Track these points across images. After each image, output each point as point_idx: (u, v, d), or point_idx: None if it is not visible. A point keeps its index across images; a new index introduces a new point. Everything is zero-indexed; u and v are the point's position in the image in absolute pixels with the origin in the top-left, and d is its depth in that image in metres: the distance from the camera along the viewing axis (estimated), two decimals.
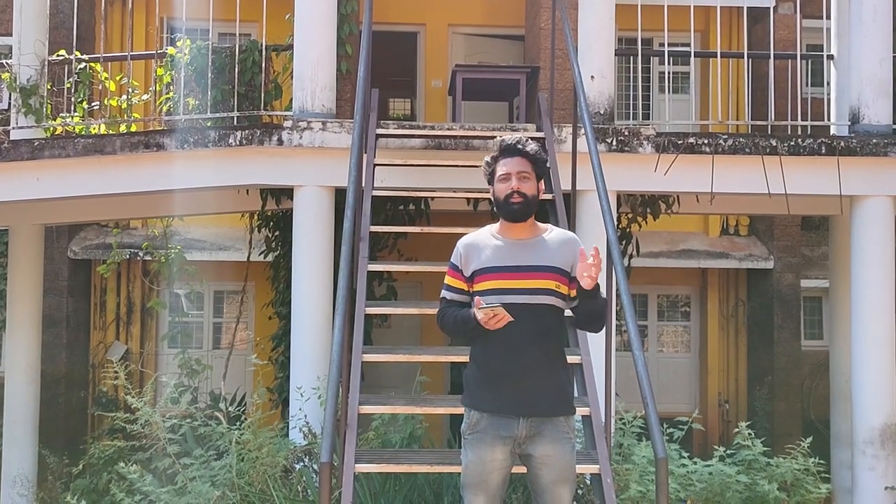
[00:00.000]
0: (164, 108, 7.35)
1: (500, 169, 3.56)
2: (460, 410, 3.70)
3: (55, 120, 7.43)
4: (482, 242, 3.60)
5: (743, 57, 7.99)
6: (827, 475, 6.72)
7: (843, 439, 7.61)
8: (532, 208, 3.55)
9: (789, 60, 8.48)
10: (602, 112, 6.43)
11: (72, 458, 8.39)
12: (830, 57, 7.76)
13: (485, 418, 3.47)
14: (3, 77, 7.38)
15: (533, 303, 3.44)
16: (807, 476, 5.71)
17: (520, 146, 3.57)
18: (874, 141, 6.49)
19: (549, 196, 5.82)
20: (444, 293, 3.65)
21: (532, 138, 6.26)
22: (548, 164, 3.66)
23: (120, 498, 5.60)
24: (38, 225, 7.82)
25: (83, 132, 7.26)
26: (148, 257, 10.03)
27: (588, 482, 5.10)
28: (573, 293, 3.50)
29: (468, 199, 6.98)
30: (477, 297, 3.42)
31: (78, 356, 10.55)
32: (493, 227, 3.66)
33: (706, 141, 6.44)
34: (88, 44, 9.85)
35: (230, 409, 6.29)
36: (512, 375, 3.44)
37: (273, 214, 7.80)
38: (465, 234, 3.67)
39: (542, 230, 3.61)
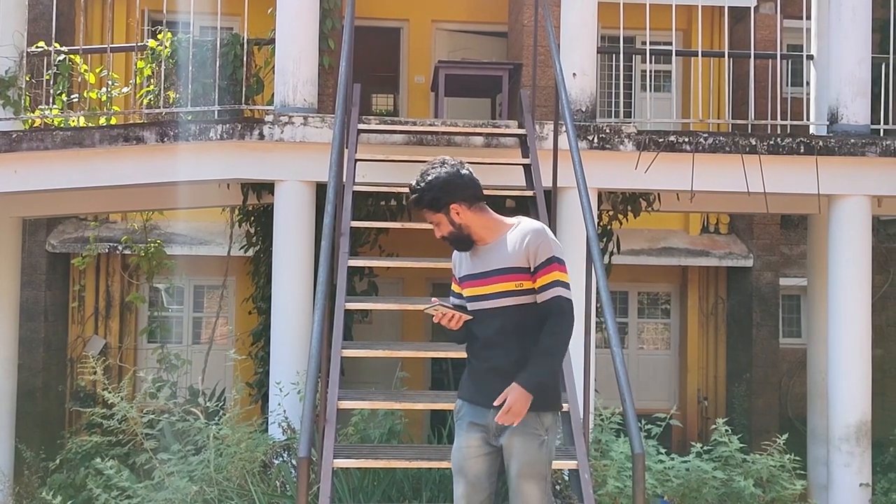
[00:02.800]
0: (145, 102, 7.30)
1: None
2: (440, 406, 3.77)
3: (34, 112, 7.36)
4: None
5: (724, 56, 8.03)
6: (803, 472, 6.78)
7: (820, 436, 7.68)
8: (461, 239, 3.58)
9: (770, 60, 8.54)
10: (584, 109, 6.44)
11: (49, 452, 8.33)
12: (810, 57, 7.81)
13: (465, 406, 3.61)
14: None
15: (496, 306, 3.50)
16: (783, 472, 5.76)
17: (411, 203, 3.60)
18: (852, 141, 6.55)
19: (529, 193, 5.83)
20: (449, 297, 3.79)
21: (512, 135, 6.33)
22: (450, 190, 3.55)
23: (97, 493, 5.57)
24: (15, 218, 7.74)
25: (62, 125, 7.20)
26: (127, 251, 9.98)
27: (566, 478, 5.13)
28: (536, 284, 3.46)
29: None
30: (434, 298, 3.57)
31: (56, 350, 10.47)
32: None
33: (687, 139, 6.47)
34: (68, 36, 9.77)
35: (209, 404, 6.28)
36: (482, 370, 3.55)
37: (254, 209, 7.77)
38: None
39: (505, 229, 3.58)
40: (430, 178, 3.55)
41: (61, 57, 7.41)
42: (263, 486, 5.30)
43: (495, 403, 3.39)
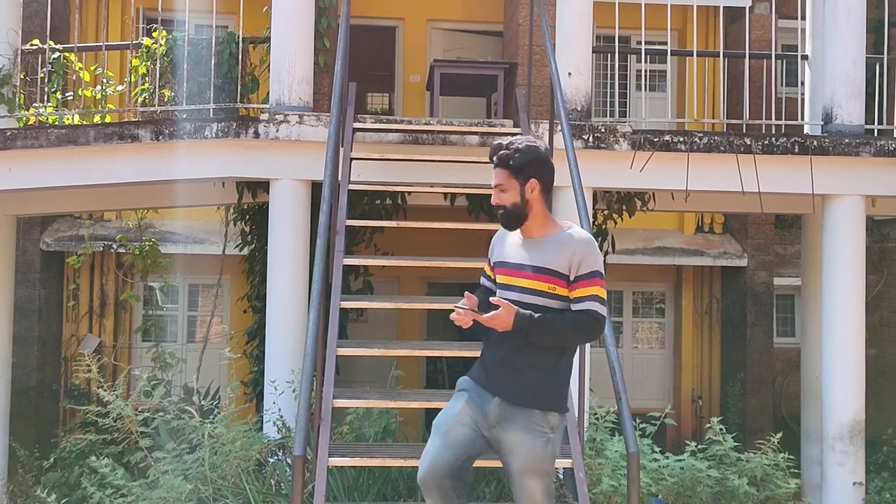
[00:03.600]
0: (140, 100, 7.29)
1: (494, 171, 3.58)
2: (435, 405, 3.76)
3: (28, 110, 7.34)
4: (507, 236, 3.67)
5: (719, 56, 8.06)
6: (797, 470, 6.80)
7: (813, 435, 7.71)
8: (516, 216, 3.54)
9: (764, 60, 8.55)
10: (579, 109, 6.45)
11: (43, 451, 8.31)
12: (805, 57, 7.84)
13: (470, 385, 3.61)
14: None
15: (522, 301, 3.45)
16: (777, 471, 5.77)
17: (494, 157, 3.55)
18: (846, 140, 6.56)
19: None
20: (480, 278, 3.80)
21: (507, 134, 6.33)
22: (538, 164, 3.51)
23: (91, 491, 5.56)
24: (10, 216, 7.72)
25: (57, 122, 7.19)
26: (122, 249, 9.96)
27: (561, 476, 5.13)
28: (573, 294, 3.43)
29: (445, 194, 6.99)
30: (466, 293, 3.52)
31: (50, 349, 10.45)
32: None
33: (682, 139, 6.48)
34: (63, 33, 9.75)
35: (204, 402, 6.26)
36: (493, 362, 3.54)
37: (249, 208, 7.76)
38: (442, 229, 3.71)
39: (556, 229, 3.54)
40: (520, 144, 3.52)
41: (56, 55, 7.39)
42: (258, 485, 5.30)
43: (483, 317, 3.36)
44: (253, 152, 6.32)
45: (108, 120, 7.36)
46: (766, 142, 6.55)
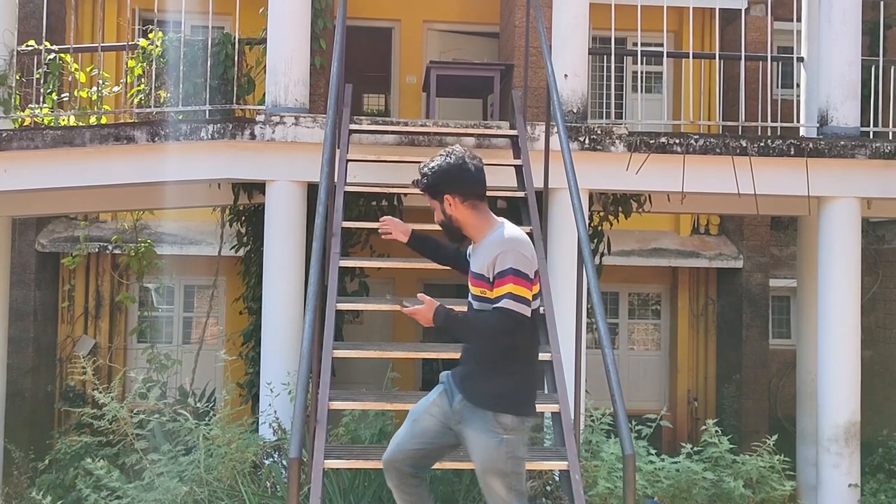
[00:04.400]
0: (135, 101, 7.27)
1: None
2: None
3: (24, 111, 7.33)
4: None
5: (715, 58, 8.07)
6: (792, 472, 6.81)
7: (809, 437, 7.71)
8: (450, 230, 3.68)
9: (760, 62, 8.56)
10: (575, 110, 6.45)
11: (38, 452, 8.30)
12: (800, 59, 7.85)
13: (447, 379, 3.78)
14: None
15: (474, 306, 3.64)
16: (772, 473, 5.77)
17: (419, 181, 3.68)
18: (842, 143, 6.57)
19: (521, 194, 5.84)
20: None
21: (503, 135, 6.33)
22: (448, 180, 3.64)
23: (86, 493, 5.55)
24: (5, 217, 7.71)
25: (52, 124, 7.18)
26: (117, 251, 9.95)
27: (557, 479, 5.13)
28: (492, 295, 3.48)
29: None
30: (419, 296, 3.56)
31: (45, 350, 10.43)
32: None
33: (678, 141, 6.49)
34: (59, 34, 9.73)
35: (199, 404, 6.26)
36: (460, 360, 3.78)
37: (245, 209, 7.75)
38: (438, 230, 3.76)
39: (487, 232, 3.62)
40: (433, 164, 3.65)
41: (52, 56, 7.38)
42: (254, 487, 5.29)
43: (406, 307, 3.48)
44: (249, 154, 6.31)
45: (103, 121, 7.34)
46: (762, 144, 6.56)
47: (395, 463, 3.76)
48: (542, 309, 4.08)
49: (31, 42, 7.48)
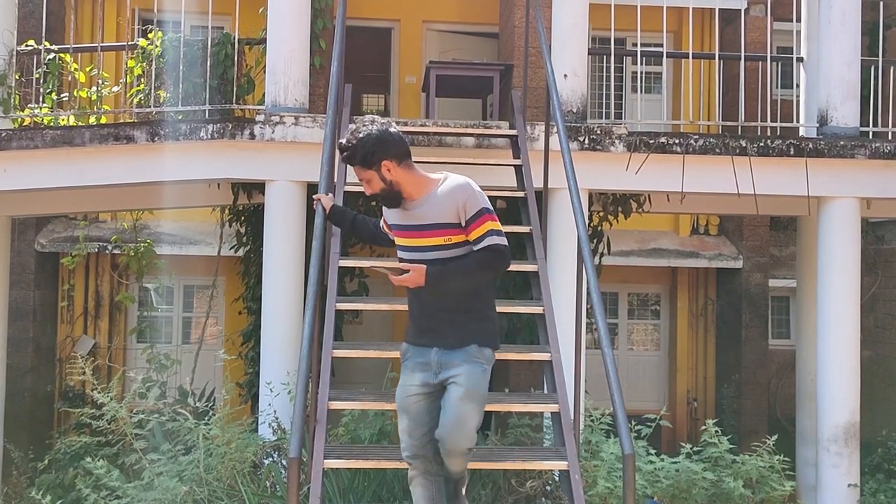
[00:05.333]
0: (135, 101, 7.27)
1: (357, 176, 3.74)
2: None
3: (23, 111, 7.33)
4: None
5: (714, 58, 8.07)
6: (792, 472, 6.81)
7: (808, 437, 7.71)
8: (392, 196, 3.71)
9: (760, 62, 8.57)
10: (575, 110, 6.45)
11: (37, 452, 8.29)
12: (800, 59, 7.86)
13: (410, 348, 3.90)
14: None
15: (427, 258, 3.69)
16: (772, 473, 5.78)
17: (342, 158, 3.69)
18: (841, 143, 6.58)
19: (521, 193, 5.84)
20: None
21: (503, 135, 6.33)
22: (382, 147, 3.65)
23: (86, 493, 5.55)
24: (4, 217, 7.71)
25: (52, 123, 7.18)
26: (117, 251, 9.95)
27: (556, 478, 5.13)
28: (471, 237, 3.64)
29: None
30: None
31: (44, 350, 10.42)
32: None
33: (677, 141, 6.49)
34: (58, 34, 9.73)
35: (199, 404, 6.26)
36: (421, 317, 3.83)
37: (244, 209, 7.75)
38: None
39: (433, 185, 3.70)
40: (361, 135, 3.63)
41: (51, 55, 7.38)
42: (253, 487, 5.29)
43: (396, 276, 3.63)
44: (248, 153, 6.31)
45: (103, 121, 7.34)
46: (762, 144, 6.56)
47: (419, 450, 3.86)
48: None
49: (31, 42, 7.48)
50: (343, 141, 3.66)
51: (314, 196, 4.28)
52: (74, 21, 8.40)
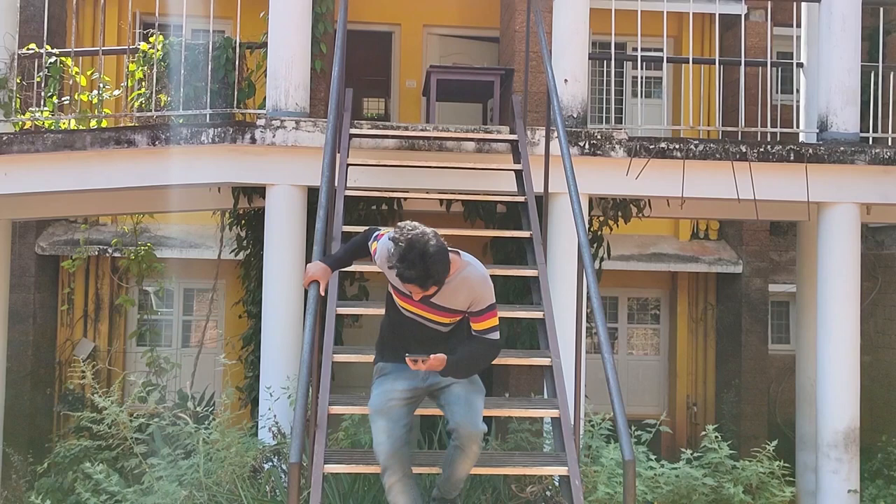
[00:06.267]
0: (136, 105, 7.28)
1: (401, 281, 3.66)
2: (430, 411, 3.91)
3: (24, 114, 7.33)
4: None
5: (714, 63, 8.07)
6: (791, 478, 6.80)
7: (808, 442, 7.71)
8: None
9: (760, 67, 8.58)
10: (575, 115, 6.46)
11: (37, 456, 8.29)
12: (800, 65, 7.87)
13: (391, 366, 4.03)
14: None
15: (434, 328, 3.94)
16: (772, 479, 5.78)
17: (425, 283, 3.61)
18: (841, 149, 6.58)
19: (521, 198, 5.84)
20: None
21: (504, 140, 6.34)
22: (446, 266, 3.69)
23: (85, 497, 5.55)
24: (5, 220, 7.71)
25: (53, 127, 7.18)
26: (117, 254, 9.94)
27: (557, 484, 5.13)
28: (476, 326, 3.92)
29: (441, 200, 6.99)
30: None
31: (44, 353, 10.42)
32: None
33: (677, 146, 6.50)
34: (59, 38, 9.73)
35: (198, 408, 6.25)
36: (400, 348, 3.90)
37: (245, 213, 7.75)
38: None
39: (455, 271, 3.79)
40: (431, 255, 3.56)
41: (52, 59, 7.39)
42: (253, 491, 5.29)
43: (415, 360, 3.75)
44: (249, 158, 6.32)
45: (104, 125, 7.34)
46: (762, 149, 6.57)
47: (397, 449, 3.89)
48: None
49: (32, 45, 7.48)
50: (414, 259, 3.53)
51: (308, 276, 4.06)
52: (76, 25, 8.40)
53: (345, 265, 4.27)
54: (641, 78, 8.23)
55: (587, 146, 6.39)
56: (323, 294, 4.05)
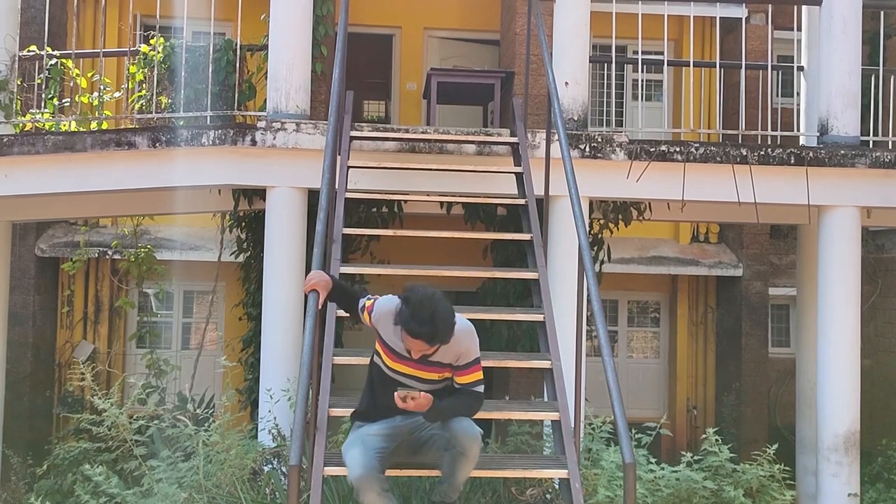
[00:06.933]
0: (137, 107, 7.28)
1: (407, 336, 3.76)
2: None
3: (25, 116, 7.33)
4: (391, 319, 3.91)
5: (715, 66, 8.08)
6: (792, 481, 6.80)
7: (808, 446, 7.70)
8: None
9: (760, 71, 8.59)
10: (576, 118, 6.46)
11: (36, 458, 8.28)
12: (801, 68, 7.87)
13: (368, 424, 4.10)
14: None
15: (421, 385, 3.97)
16: (772, 482, 5.76)
17: (433, 340, 3.74)
18: (842, 152, 6.58)
19: (521, 201, 5.84)
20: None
21: (504, 143, 6.34)
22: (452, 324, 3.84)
23: (85, 499, 5.54)
24: (5, 222, 7.71)
25: (53, 129, 7.18)
26: (117, 256, 9.94)
27: (557, 487, 5.12)
28: (461, 379, 3.99)
29: (441, 203, 6.99)
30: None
31: (44, 355, 10.41)
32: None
33: (678, 149, 6.49)
34: (60, 40, 9.74)
35: (198, 410, 6.25)
36: (399, 409, 3.93)
37: (245, 215, 7.76)
38: (438, 237, 4.56)
39: None
40: (440, 314, 3.71)
41: (53, 61, 7.39)
42: (253, 494, 5.28)
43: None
44: (250, 160, 6.32)
45: (104, 127, 7.35)
46: (762, 152, 6.56)
47: (371, 472, 3.85)
48: None
49: (33, 47, 7.49)
50: (429, 318, 3.68)
51: (310, 283, 4.07)
52: (76, 27, 8.41)
53: (340, 294, 4.17)
54: (642, 81, 8.24)
55: (588, 149, 6.39)
56: (320, 307, 4.05)
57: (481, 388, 4.00)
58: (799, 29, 7.57)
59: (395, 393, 3.78)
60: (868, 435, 7.49)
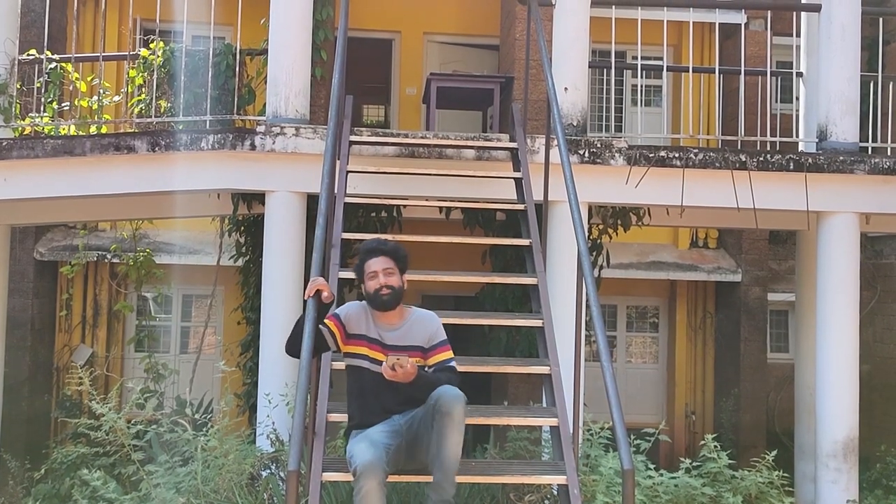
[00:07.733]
0: (136, 111, 7.28)
1: (368, 268, 4.19)
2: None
3: (24, 120, 7.33)
4: (362, 314, 4.24)
5: (714, 72, 8.09)
6: (790, 488, 6.78)
7: (807, 452, 7.69)
8: (400, 297, 4.21)
9: (759, 76, 8.59)
10: (575, 123, 6.47)
11: (34, 462, 8.26)
12: (800, 74, 7.88)
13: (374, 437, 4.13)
14: None
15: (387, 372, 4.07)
16: (771, 489, 5.76)
17: (381, 246, 4.23)
18: (841, 158, 6.59)
19: (520, 206, 5.84)
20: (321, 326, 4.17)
21: (503, 148, 6.35)
22: (402, 254, 4.29)
23: None
24: (4, 225, 7.70)
25: (53, 133, 7.18)
26: (116, 260, 9.94)
27: (555, 493, 5.12)
28: (433, 359, 4.20)
29: (440, 208, 6.99)
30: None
31: (42, 359, 10.40)
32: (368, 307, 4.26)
33: (677, 154, 6.50)
34: (60, 43, 9.75)
35: (197, 414, 6.24)
36: (390, 411, 4.16)
37: (244, 219, 7.75)
38: (436, 242, 4.73)
39: (408, 312, 4.28)
40: (386, 241, 4.33)
41: (53, 65, 7.39)
42: (251, 499, 5.27)
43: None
44: (249, 164, 6.32)
45: (104, 131, 7.35)
46: (761, 158, 6.57)
47: (378, 463, 3.88)
48: None
49: (33, 51, 7.49)
50: (386, 244, 4.24)
51: (312, 287, 4.14)
52: (76, 30, 8.42)
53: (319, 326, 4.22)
54: (641, 86, 8.26)
55: (587, 154, 6.39)
56: (326, 300, 4.15)
57: (454, 364, 4.21)
58: (798, 35, 7.58)
59: (385, 360, 3.93)
60: (866, 441, 7.49)
